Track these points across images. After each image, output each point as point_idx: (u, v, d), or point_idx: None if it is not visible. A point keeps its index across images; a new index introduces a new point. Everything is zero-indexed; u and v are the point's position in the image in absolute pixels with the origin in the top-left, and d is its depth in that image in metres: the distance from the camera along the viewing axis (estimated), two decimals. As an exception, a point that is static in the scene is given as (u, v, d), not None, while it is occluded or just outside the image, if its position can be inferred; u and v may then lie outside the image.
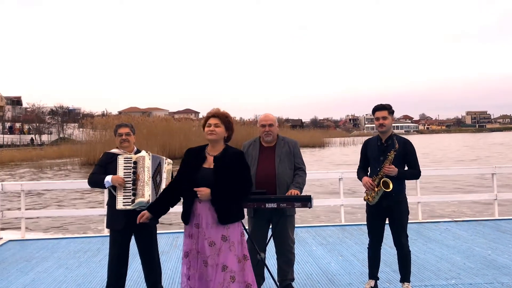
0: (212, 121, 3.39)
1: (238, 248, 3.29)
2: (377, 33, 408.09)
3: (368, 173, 4.34)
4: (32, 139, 65.01)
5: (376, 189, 4.13)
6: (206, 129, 3.39)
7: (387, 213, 4.20)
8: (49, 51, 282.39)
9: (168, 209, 3.52)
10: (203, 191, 3.22)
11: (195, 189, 3.23)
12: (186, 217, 3.31)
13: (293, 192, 4.17)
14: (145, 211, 3.43)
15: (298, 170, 4.37)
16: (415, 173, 4.24)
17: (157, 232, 4.29)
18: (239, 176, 3.35)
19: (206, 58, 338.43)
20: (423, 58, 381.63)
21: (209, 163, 3.36)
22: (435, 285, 4.50)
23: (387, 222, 4.30)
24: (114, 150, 4.24)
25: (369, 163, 4.34)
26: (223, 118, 3.42)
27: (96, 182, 4.09)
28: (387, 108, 4.21)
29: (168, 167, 4.13)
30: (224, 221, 3.24)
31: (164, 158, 4.16)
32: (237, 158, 3.40)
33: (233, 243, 3.26)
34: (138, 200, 3.87)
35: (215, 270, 3.18)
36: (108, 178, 3.98)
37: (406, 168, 4.23)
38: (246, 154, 4.40)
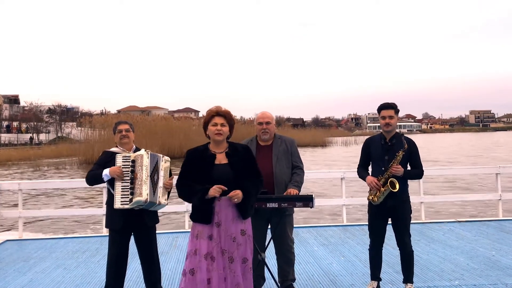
0: (218, 120, 3.35)
1: (251, 241, 3.37)
2: (379, 31, 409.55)
3: (370, 172, 4.30)
4: (31, 138, 64.83)
5: (382, 189, 4.08)
6: (212, 128, 3.35)
7: (390, 213, 4.16)
8: (48, 50, 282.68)
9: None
10: (238, 194, 3.23)
11: (229, 195, 3.21)
12: (208, 217, 3.24)
13: (292, 191, 4.13)
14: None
15: (296, 169, 4.34)
16: (419, 173, 4.24)
17: (157, 232, 4.23)
18: (252, 169, 3.41)
19: (206, 56, 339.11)
20: (426, 56, 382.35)
21: (220, 160, 3.34)
22: (438, 286, 4.45)
23: (389, 222, 4.25)
24: (114, 149, 4.20)
25: (370, 162, 4.29)
26: (228, 117, 3.40)
27: (94, 176, 4.04)
28: (394, 107, 4.19)
29: (165, 165, 4.06)
30: (246, 215, 3.31)
31: (161, 155, 4.10)
32: (247, 152, 3.46)
33: (249, 236, 3.34)
34: (136, 199, 3.81)
35: (238, 263, 3.23)
36: (106, 171, 3.94)
37: (408, 167, 4.20)
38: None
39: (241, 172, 3.32)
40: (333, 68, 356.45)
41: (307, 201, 4.08)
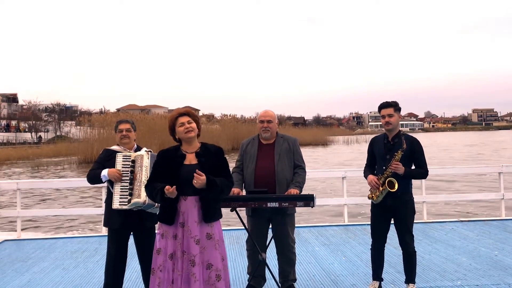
0: (184, 119, 3.33)
1: (221, 246, 3.28)
2: (381, 29, 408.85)
3: (375, 172, 4.25)
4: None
5: (381, 188, 4.05)
6: (180, 128, 3.32)
7: (392, 212, 4.13)
8: (47, 48, 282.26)
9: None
10: (202, 177, 3.11)
11: (195, 172, 3.10)
12: (171, 216, 3.20)
13: (292, 191, 4.10)
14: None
15: (298, 169, 4.30)
16: (423, 173, 4.17)
17: (156, 231, 4.18)
18: (223, 171, 3.34)
19: (206, 54, 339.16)
20: (428, 54, 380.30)
21: (190, 160, 3.30)
22: (440, 286, 4.42)
23: (392, 222, 4.21)
24: (114, 147, 4.18)
25: (376, 161, 4.25)
26: (192, 115, 3.37)
27: (93, 176, 4.03)
28: (393, 105, 4.14)
29: None
30: (209, 219, 3.23)
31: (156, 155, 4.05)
32: (219, 154, 3.40)
33: (217, 241, 3.25)
34: (134, 200, 3.77)
35: (201, 268, 3.14)
36: (105, 172, 3.92)
37: (413, 167, 4.15)
38: (245, 152, 4.37)
39: (211, 174, 3.24)
40: (335, 66, 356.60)
41: (308, 200, 4.03)
